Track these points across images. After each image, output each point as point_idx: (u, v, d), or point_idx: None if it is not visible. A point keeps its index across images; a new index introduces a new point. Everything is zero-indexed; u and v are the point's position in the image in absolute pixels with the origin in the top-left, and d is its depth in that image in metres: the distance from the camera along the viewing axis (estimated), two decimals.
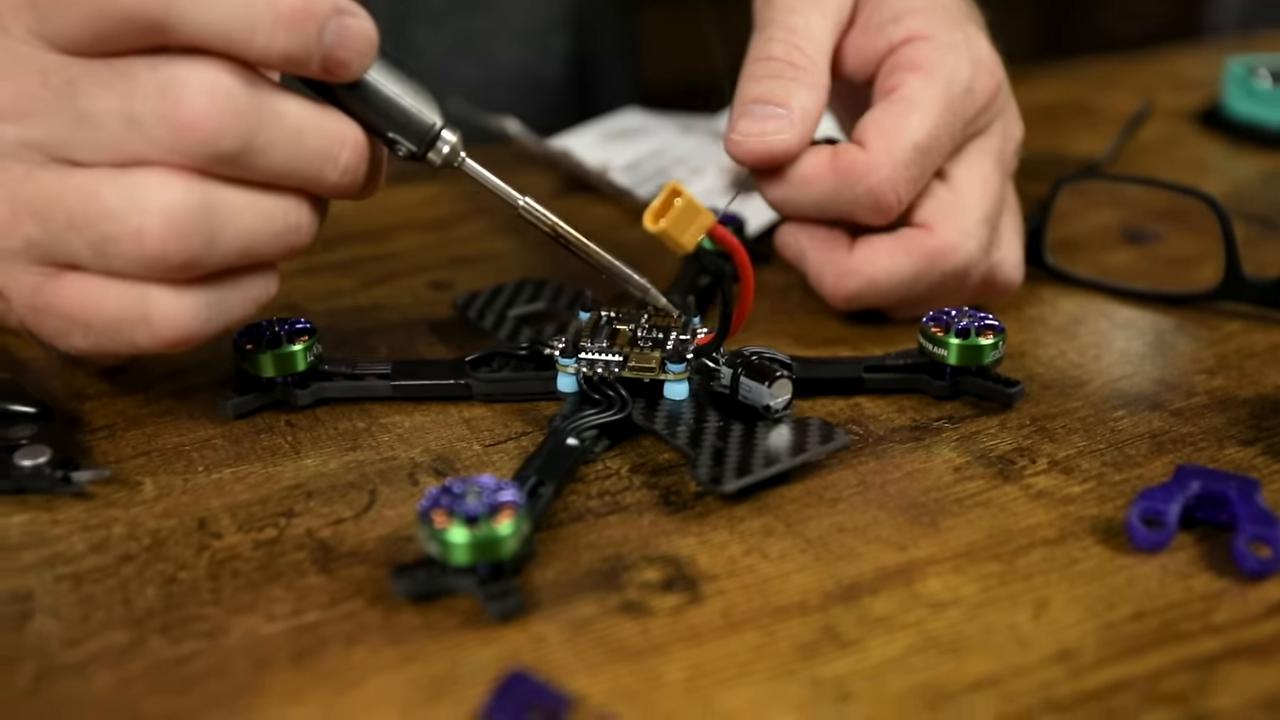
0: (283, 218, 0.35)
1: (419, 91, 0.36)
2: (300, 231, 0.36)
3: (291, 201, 0.35)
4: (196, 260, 0.33)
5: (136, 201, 0.32)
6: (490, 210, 0.60)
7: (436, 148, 0.37)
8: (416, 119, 0.36)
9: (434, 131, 0.36)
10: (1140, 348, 0.46)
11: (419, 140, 0.36)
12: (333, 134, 0.34)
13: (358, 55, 0.34)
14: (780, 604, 0.32)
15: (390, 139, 0.36)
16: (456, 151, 0.37)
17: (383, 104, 0.35)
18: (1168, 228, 0.57)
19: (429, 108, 0.36)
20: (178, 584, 0.33)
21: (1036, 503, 0.36)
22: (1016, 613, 0.32)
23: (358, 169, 0.35)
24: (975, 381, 0.41)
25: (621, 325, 0.42)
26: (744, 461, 0.36)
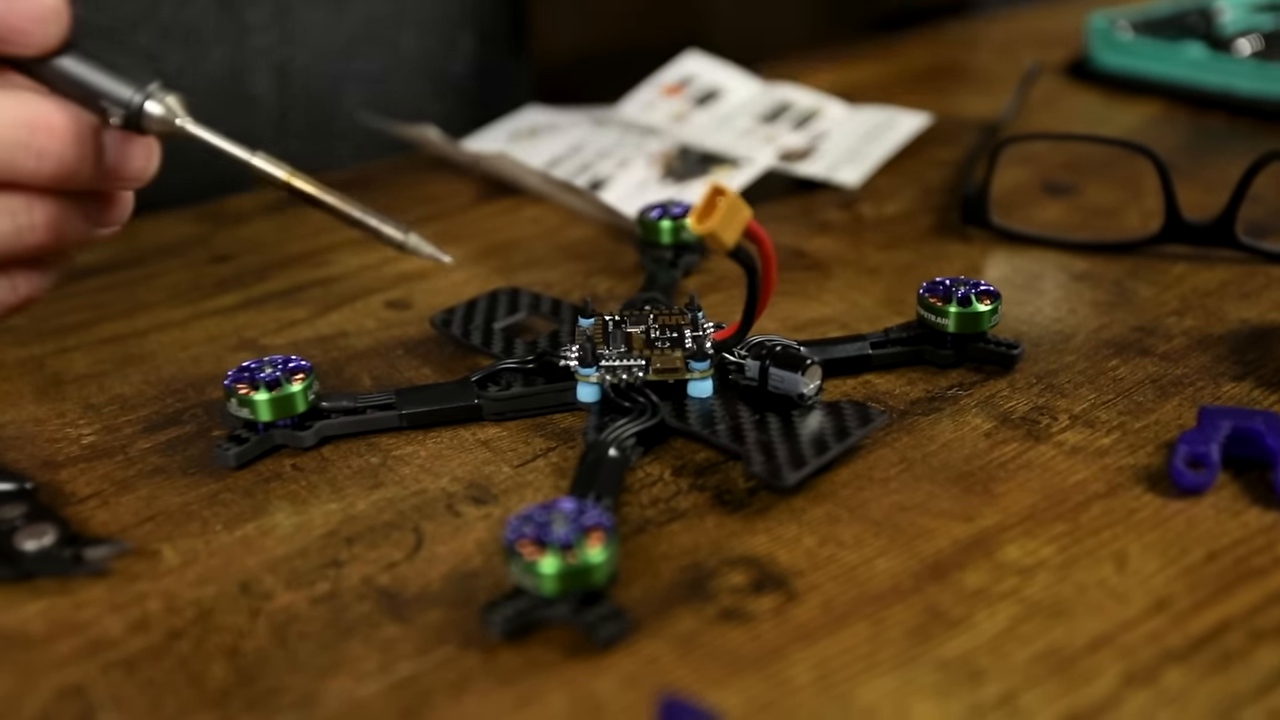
0: (8, 218, 0.33)
1: (126, 55, 0.34)
2: (36, 231, 0.34)
3: (13, 199, 0.33)
4: None
5: None
6: (424, 220, 0.57)
7: (147, 114, 0.34)
8: (118, 85, 0.34)
9: (135, 99, 0.34)
10: (1106, 296, 0.47)
11: (124, 108, 0.34)
12: (15, 119, 0.32)
13: (37, 24, 0.32)
14: (876, 590, 0.32)
15: (102, 109, 0.34)
16: (172, 115, 0.35)
17: (79, 74, 0.33)
18: (1079, 179, 0.60)
19: (135, 73, 0.34)
20: (243, 655, 0.31)
21: (1074, 459, 0.37)
22: (1100, 568, 0.33)
23: (60, 153, 0.33)
24: (977, 347, 0.42)
25: (632, 329, 0.40)
26: (795, 452, 0.36)
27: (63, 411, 0.42)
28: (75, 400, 0.43)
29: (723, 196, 0.34)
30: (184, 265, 0.54)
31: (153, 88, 0.34)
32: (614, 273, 0.51)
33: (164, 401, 0.42)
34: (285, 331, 0.47)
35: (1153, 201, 0.56)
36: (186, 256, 0.55)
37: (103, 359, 0.45)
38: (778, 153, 0.62)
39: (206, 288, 0.51)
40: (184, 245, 0.56)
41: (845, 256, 0.52)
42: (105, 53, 0.34)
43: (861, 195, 0.58)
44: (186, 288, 0.51)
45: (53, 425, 0.41)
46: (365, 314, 0.49)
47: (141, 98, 0.34)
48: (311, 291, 0.51)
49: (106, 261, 0.54)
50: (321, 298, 0.50)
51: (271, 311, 0.49)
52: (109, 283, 0.52)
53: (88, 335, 0.47)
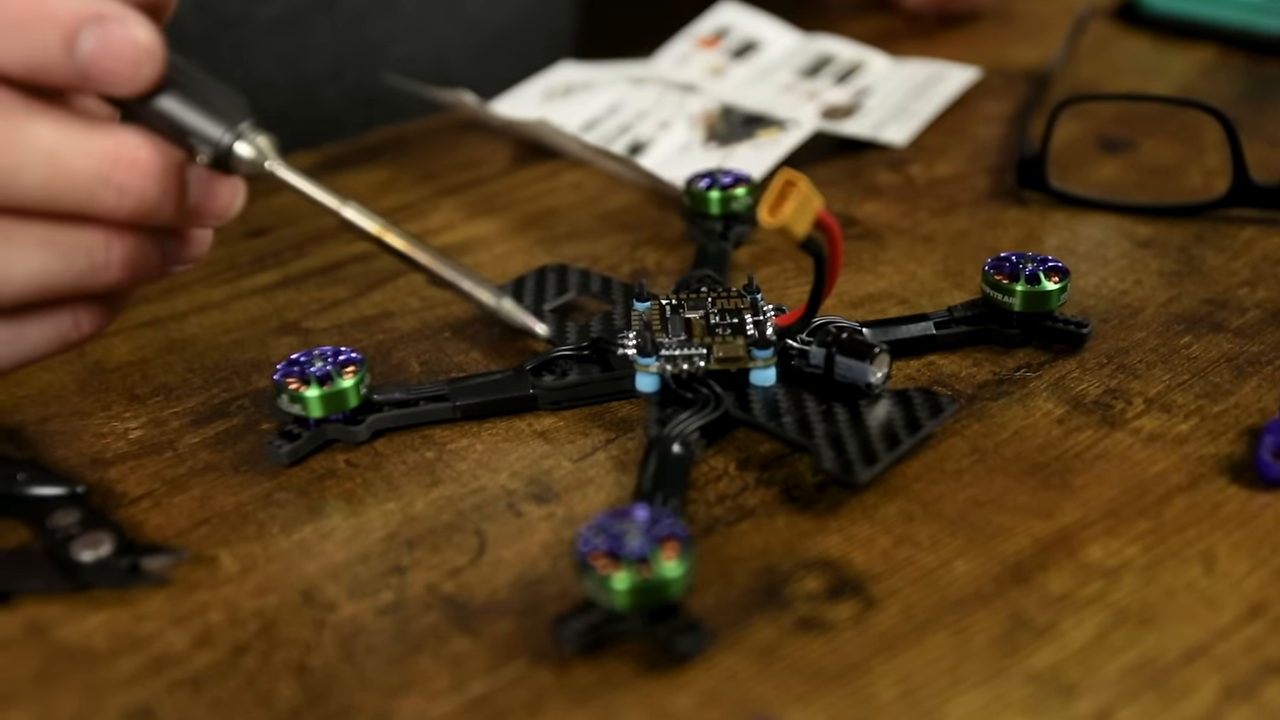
0: (82, 253, 0.32)
1: (219, 94, 0.33)
2: (111, 269, 0.32)
3: (92, 235, 0.32)
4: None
5: None
6: (461, 188, 0.56)
7: (237, 155, 0.33)
8: (209, 123, 0.33)
9: (225, 139, 0.33)
10: (1173, 265, 0.46)
11: (213, 147, 0.33)
12: (98, 153, 0.31)
13: (130, 66, 0.30)
14: (956, 596, 0.31)
15: (190, 146, 0.33)
16: (262, 157, 0.33)
17: (169, 111, 0.32)
18: (1135, 133, 0.58)
19: (228, 112, 0.33)
20: (312, 672, 0.30)
21: (1152, 447, 0.36)
22: (1188, 570, 0.32)
23: (143, 189, 0.31)
24: (1045, 326, 0.41)
25: (691, 314, 0.39)
26: (866, 446, 0.35)
27: (107, 404, 0.41)
28: (119, 391, 0.42)
29: (795, 188, 0.32)
30: (219, 239, 0.52)
31: (244, 127, 0.33)
32: (661, 244, 0.50)
33: (209, 391, 0.41)
34: (328, 313, 0.46)
35: (1214, 158, 0.54)
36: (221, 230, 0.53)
37: (143, 345, 0.44)
38: (820, 110, 0.60)
39: (244, 265, 0.50)
40: None
41: (898, 224, 0.51)
42: (196, 88, 0.32)
43: (910, 155, 0.57)
44: (223, 265, 0.50)
45: (98, 419, 0.40)
46: (408, 292, 0.47)
47: (232, 138, 0.33)
48: (351, 268, 0.49)
49: None
50: (362, 275, 0.49)
51: (312, 290, 0.48)
52: None
53: (126, 318, 0.46)
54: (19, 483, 0.35)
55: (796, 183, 0.32)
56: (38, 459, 0.37)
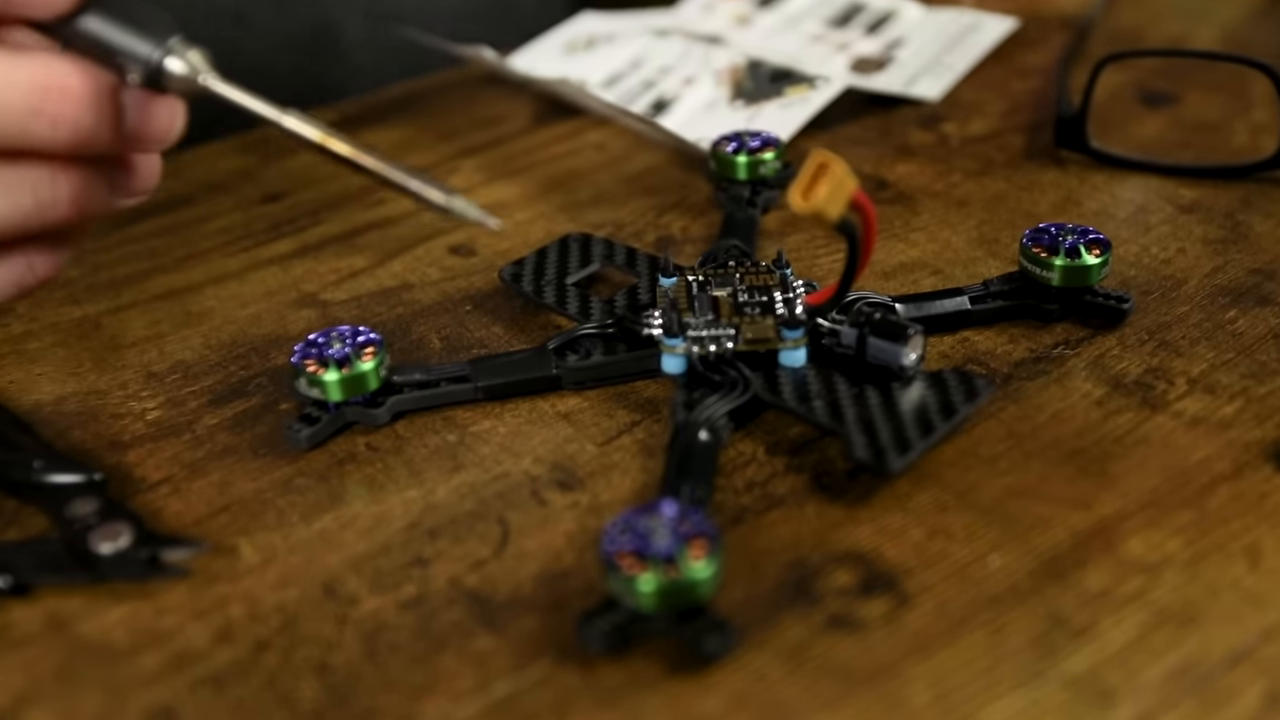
0: (29, 193, 0.31)
1: (146, 12, 0.32)
2: (59, 205, 0.32)
3: (35, 171, 0.31)
4: None
5: None
6: (480, 149, 0.55)
7: (168, 72, 0.32)
8: (136, 41, 0.31)
9: (155, 56, 0.32)
10: (1219, 232, 0.44)
11: (144, 66, 0.32)
12: (25, 84, 0.30)
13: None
14: (991, 592, 0.30)
15: (120, 67, 0.32)
16: (195, 72, 0.32)
17: (94, 31, 0.31)
18: (1179, 86, 0.56)
19: (156, 29, 0.32)
20: (334, 672, 0.30)
21: (1195, 432, 0.35)
22: (1232, 566, 0.31)
23: (76, 117, 0.30)
24: (1084, 300, 0.40)
25: (718, 291, 0.38)
26: (899, 433, 0.34)
27: (124, 382, 0.40)
28: (136, 368, 0.41)
29: (828, 170, 0.31)
30: (235, 205, 0.52)
31: (174, 43, 0.32)
32: (687, 209, 0.49)
33: (227, 369, 0.41)
34: (346, 284, 0.45)
35: (1262, 113, 0.52)
36: (236, 194, 0.52)
37: (159, 319, 0.44)
38: (850, 62, 0.58)
39: (260, 233, 0.49)
40: (233, 180, 0.53)
41: (931, 186, 0.49)
42: (122, 7, 0.32)
43: (944, 112, 0.55)
44: (239, 232, 0.49)
45: (115, 398, 0.40)
46: (428, 262, 0.46)
47: (162, 54, 0.32)
48: (369, 236, 0.48)
49: (156, 202, 0.52)
50: (380, 243, 0.48)
51: (329, 260, 0.47)
52: (160, 226, 0.50)
53: (142, 291, 0.46)
54: (36, 470, 0.35)
55: (830, 165, 0.31)
56: (54, 444, 0.36)
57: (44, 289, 0.44)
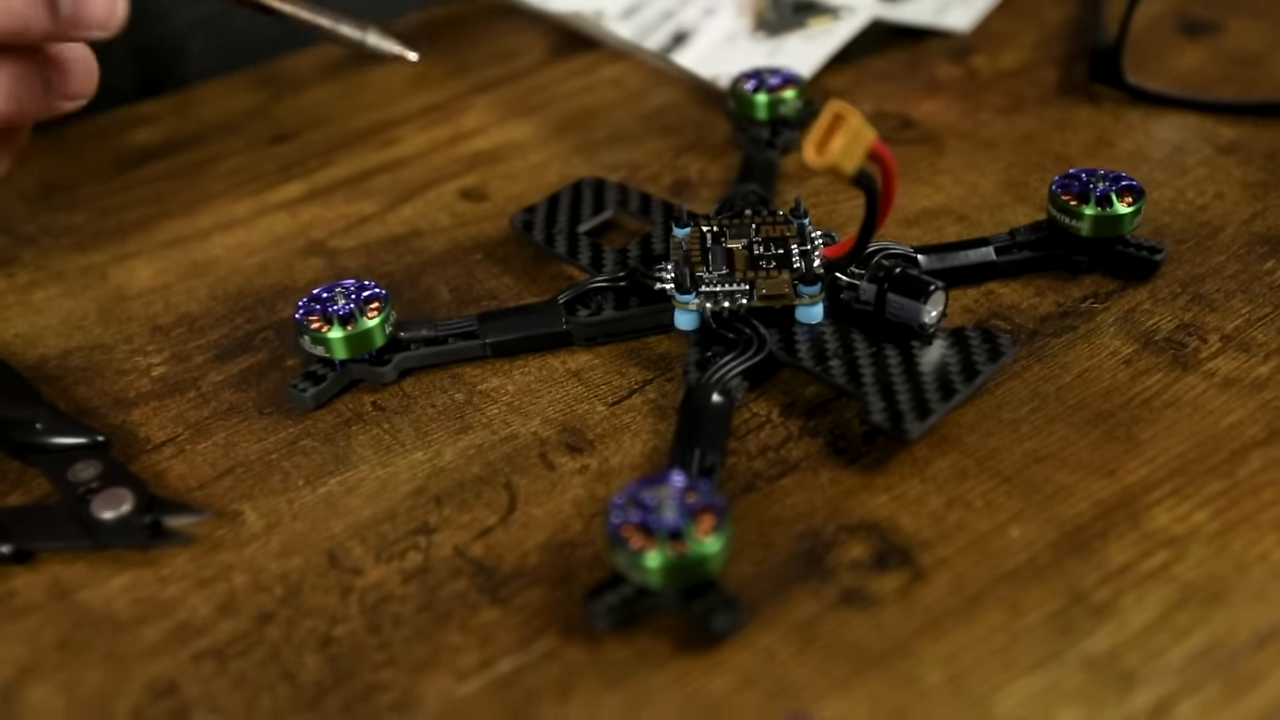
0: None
1: None
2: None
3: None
4: None
5: None
6: (495, 84, 0.53)
7: None
8: None
9: None
10: (1259, 175, 0.43)
11: None
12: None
13: None
14: (1010, 566, 0.30)
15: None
16: None
17: None
18: (1220, 12, 0.53)
19: None
20: (337, 644, 0.29)
21: (1227, 393, 0.34)
22: (1261, 539, 0.30)
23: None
24: (1116, 251, 0.38)
25: (733, 243, 0.37)
26: (918, 396, 0.33)
27: (129, 335, 0.40)
28: (141, 321, 0.40)
29: (844, 122, 0.30)
30: (244, 145, 0.50)
31: None
32: (705, 150, 0.47)
33: (233, 322, 0.40)
34: (355, 231, 0.44)
35: None
36: (246, 134, 0.51)
37: (166, 268, 0.43)
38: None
39: (268, 175, 0.48)
40: (242, 119, 0.52)
41: (959, 125, 0.47)
42: None
43: (974, 43, 0.53)
44: (248, 175, 0.48)
45: (120, 353, 0.39)
46: (439, 206, 0.45)
47: None
48: (379, 179, 0.47)
49: (165, 140, 0.51)
50: (391, 186, 0.47)
51: (338, 205, 0.46)
52: (168, 168, 0.49)
53: (148, 238, 0.45)
54: (38, 432, 0.34)
55: (846, 116, 0.30)
56: (59, 402, 0.36)
57: (51, 235, 0.43)
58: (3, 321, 0.41)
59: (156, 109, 0.53)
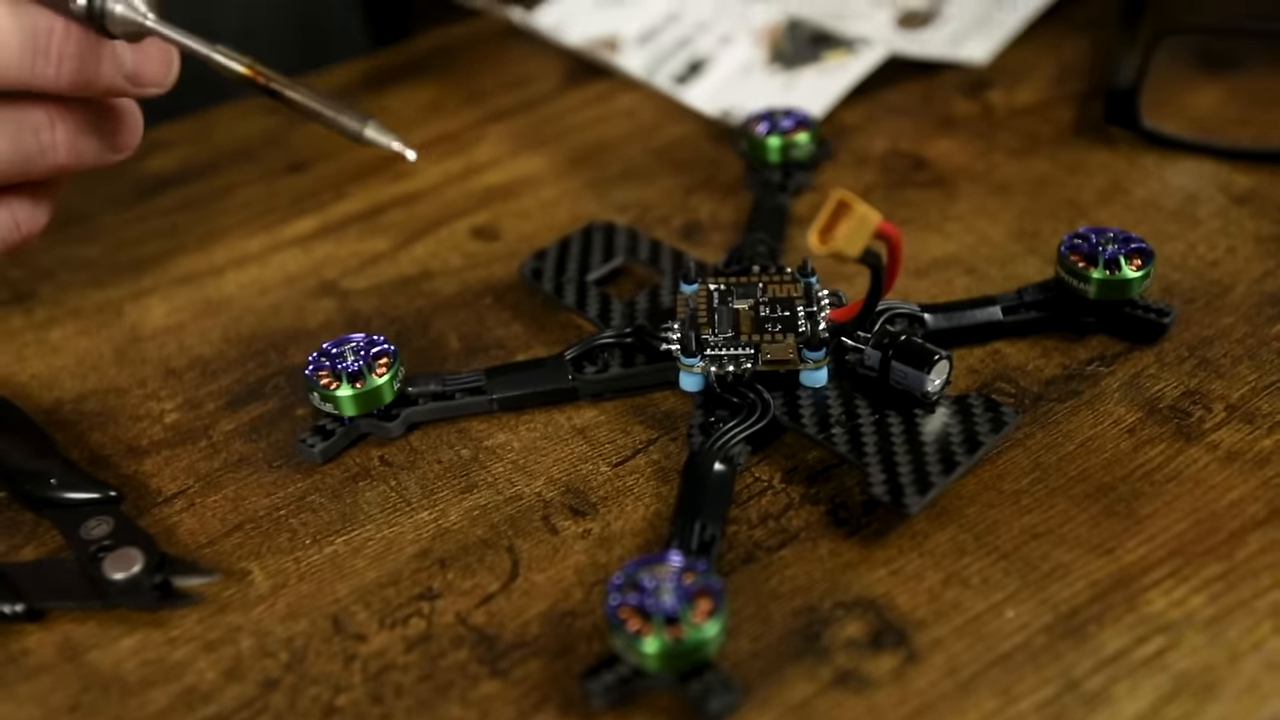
0: (32, 134, 0.32)
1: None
2: (56, 150, 0.33)
3: (36, 114, 0.32)
4: None
5: None
6: (508, 113, 0.53)
7: (110, 14, 0.32)
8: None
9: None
10: (1273, 228, 0.42)
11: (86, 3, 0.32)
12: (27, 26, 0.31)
13: None
14: (1004, 650, 0.30)
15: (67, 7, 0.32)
16: (137, 13, 0.32)
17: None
18: (1241, 48, 0.53)
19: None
20: (340, 714, 0.30)
21: (1230, 468, 0.34)
22: (1257, 626, 0.30)
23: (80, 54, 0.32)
24: (1123, 313, 0.38)
25: (740, 304, 0.37)
26: (919, 468, 0.33)
27: (143, 379, 0.40)
28: (155, 363, 0.41)
29: (848, 209, 0.30)
30: (259, 174, 0.51)
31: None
32: (716, 189, 0.47)
33: (245, 367, 0.41)
34: (367, 270, 0.45)
35: None
36: (261, 162, 0.52)
37: (180, 306, 0.44)
38: (895, 17, 0.55)
39: (282, 208, 0.48)
40: (258, 146, 0.52)
41: (972, 167, 0.47)
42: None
43: (991, 77, 0.53)
44: (262, 207, 0.49)
45: (134, 397, 0.40)
46: (450, 245, 0.46)
47: None
48: (393, 214, 0.48)
49: (181, 168, 0.51)
50: (404, 222, 0.47)
51: (351, 242, 0.46)
52: (184, 198, 0.49)
53: (164, 273, 0.45)
54: (52, 486, 0.35)
55: (851, 204, 0.30)
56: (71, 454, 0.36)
57: (69, 269, 0.44)
58: (20, 362, 0.41)
59: (174, 133, 0.53)
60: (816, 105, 0.50)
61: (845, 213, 0.30)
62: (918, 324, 0.38)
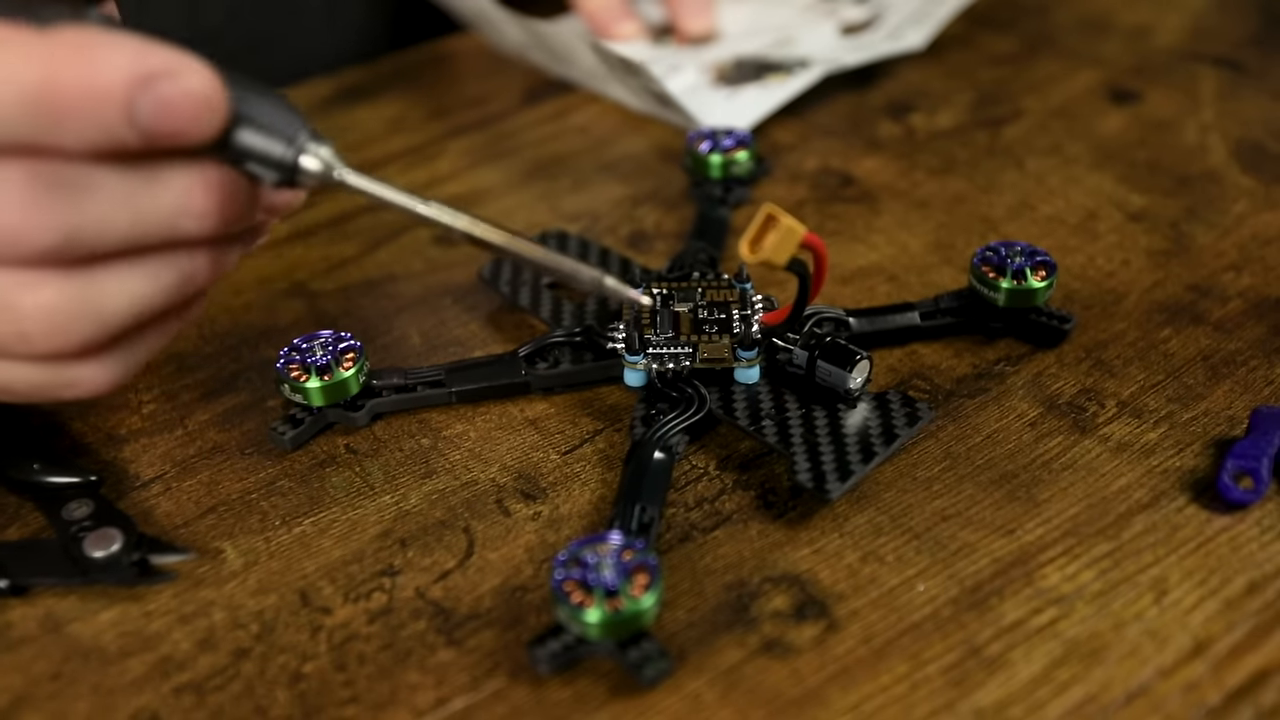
0: (173, 273, 0.30)
1: (272, 110, 0.29)
2: (200, 275, 0.31)
3: (177, 254, 0.30)
4: (92, 340, 0.29)
5: (7, 308, 0.28)
6: (470, 128, 0.54)
7: (304, 172, 0.30)
8: (270, 149, 0.29)
9: (291, 160, 0.29)
10: (1163, 244, 0.44)
11: (282, 169, 0.29)
12: (177, 187, 0.28)
13: (191, 122, 0.27)
14: (915, 620, 0.31)
15: (251, 173, 0.29)
16: (329, 170, 0.30)
17: (228, 146, 0.29)
18: (1143, 82, 0.55)
19: (285, 129, 0.29)
20: (306, 680, 0.30)
21: (1120, 458, 0.35)
22: (1139, 600, 0.31)
23: (225, 209, 0.29)
24: (1029, 320, 0.40)
25: (680, 307, 0.38)
26: (840, 458, 0.34)
27: None
28: None
29: (775, 222, 0.31)
30: None
31: (303, 141, 0.29)
32: (661, 202, 0.48)
33: (219, 362, 0.41)
34: (335, 274, 0.45)
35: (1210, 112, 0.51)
36: None
37: None
38: (838, 27, 0.57)
39: None
40: None
41: (895, 185, 0.49)
42: (251, 111, 0.28)
43: (913, 101, 0.54)
44: None
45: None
46: (413, 251, 0.46)
47: (294, 155, 0.29)
48: (360, 221, 0.48)
49: None
50: (370, 229, 0.48)
51: (320, 247, 0.47)
52: None
53: None
54: (35, 471, 0.35)
55: (778, 217, 0.31)
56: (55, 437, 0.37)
57: None
58: None
59: None
60: (757, 112, 0.51)
61: (773, 225, 0.31)
62: (842, 327, 0.39)
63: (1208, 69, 0.55)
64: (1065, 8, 0.61)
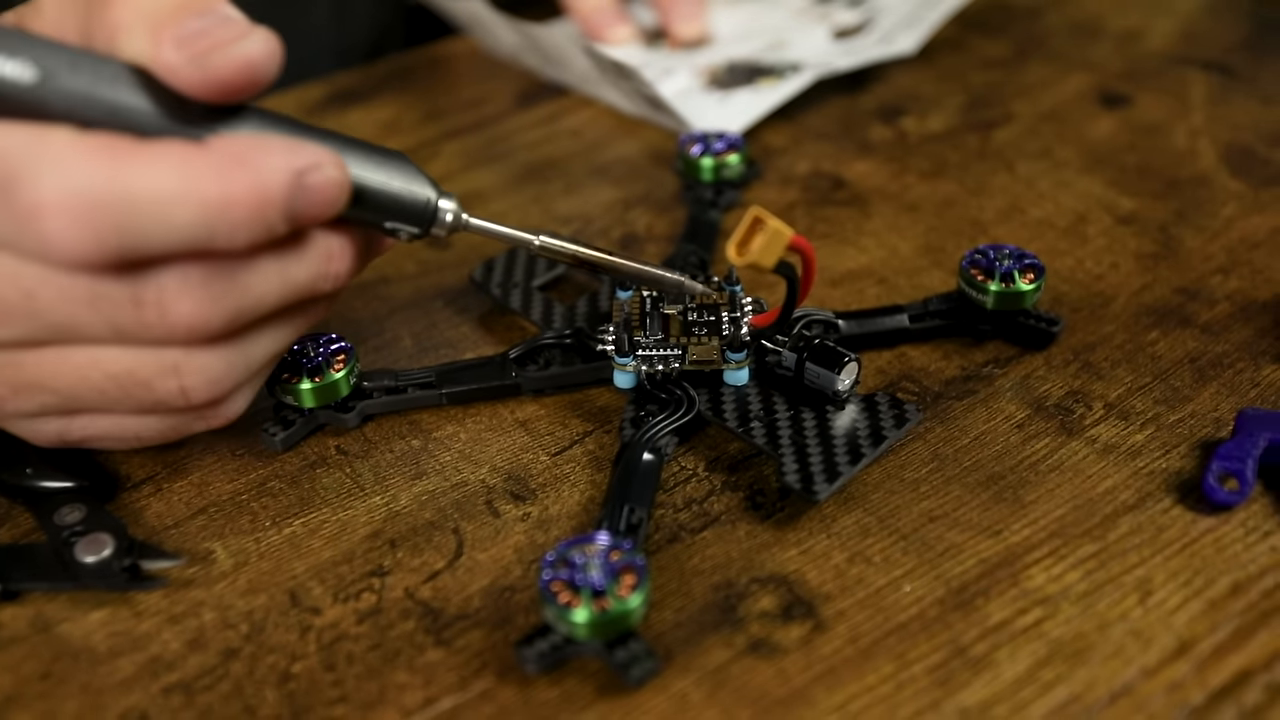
0: (306, 321, 0.33)
1: (401, 173, 0.32)
2: (320, 316, 0.34)
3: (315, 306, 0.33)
4: (238, 385, 0.32)
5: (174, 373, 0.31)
6: (463, 131, 0.54)
7: (439, 221, 0.33)
8: (410, 207, 0.32)
9: (431, 209, 0.33)
10: (1151, 247, 0.44)
11: (421, 222, 0.33)
12: (318, 256, 0.31)
13: (328, 205, 0.30)
14: (901, 620, 0.31)
15: (389, 230, 0.33)
16: (459, 216, 0.33)
17: (371, 210, 0.32)
18: (1133, 87, 0.55)
19: (417, 186, 0.32)
20: (295, 680, 0.31)
21: (1106, 460, 0.35)
22: (1124, 600, 0.31)
23: (355, 265, 0.33)
24: (1017, 323, 0.40)
25: (670, 309, 0.38)
26: (828, 460, 0.34)
27: None
28: None
29: (762, 225, 0.31)
30: None
31: (436, 199, 0.33)
32: (653, 205, 0.49)
33: None
34: None
35: (1200, 116, 0.52)
36: None
37: None
38: (830, 31, 0.57)
39: None
40: None
41: (886, 188, 0.49)
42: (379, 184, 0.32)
43: (905, 105, 0.54)
44: None
45: None
46: (405, 253, 0.46)
47: (431, 213, 0.33)
48: None
49: None
50: None
51: None
52: None
53: None
54: (28, 476, 0.35)
55: (765, 220, 0.31)
56: None
57: None
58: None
59: None
60: (749, 115, 0.51)
61: (760, 228, 0.31)
62: (832, 329, 0.39)
63: (1198, 73, 0.55)
64: (1056, 12, 0.62)
